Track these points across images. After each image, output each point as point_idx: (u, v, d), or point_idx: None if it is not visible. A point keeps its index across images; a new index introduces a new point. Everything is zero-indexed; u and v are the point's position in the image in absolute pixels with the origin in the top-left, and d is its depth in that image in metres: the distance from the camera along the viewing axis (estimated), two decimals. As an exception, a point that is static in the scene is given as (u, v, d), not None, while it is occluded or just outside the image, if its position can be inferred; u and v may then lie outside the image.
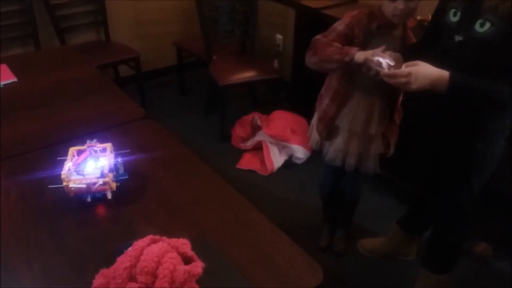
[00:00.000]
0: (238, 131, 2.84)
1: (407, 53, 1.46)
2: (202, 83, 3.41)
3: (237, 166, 2.68)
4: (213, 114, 3.21)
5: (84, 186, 1.14)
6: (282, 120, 2.73)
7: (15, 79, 1.88)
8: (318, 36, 1.55)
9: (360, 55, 1.41)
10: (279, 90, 3.16)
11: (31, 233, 1.12)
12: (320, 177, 2.00)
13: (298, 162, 2.69)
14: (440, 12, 1.42)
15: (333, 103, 1.65)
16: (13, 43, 2.86)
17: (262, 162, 2.64)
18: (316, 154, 2.46)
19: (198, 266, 0.91)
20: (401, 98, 1.69)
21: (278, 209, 2.38)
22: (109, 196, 1.18)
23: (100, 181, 1.14)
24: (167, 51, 3.47)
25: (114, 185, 1.19)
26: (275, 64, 3.47)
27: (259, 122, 2.78)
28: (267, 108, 2.98)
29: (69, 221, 1.15)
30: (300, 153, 2.65)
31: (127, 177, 1.22)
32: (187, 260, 0.97)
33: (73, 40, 3.13)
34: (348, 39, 1.50)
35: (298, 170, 2.68)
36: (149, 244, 0.94)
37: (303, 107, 2.96)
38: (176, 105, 3.41)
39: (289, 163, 2.69)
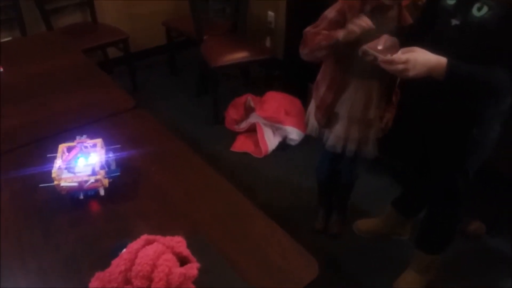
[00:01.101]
0: (231, 113, 2.82)
1: (403, 35, 1.43)
2: (193, 63, 3.35)
3: (231, 149, 2.67)
4: (205, 95, 3.17)
5: (76, 184, 1.12)
6: (275, 101, 2.71)
7: (1, 69, 1.83)
8: (308, 28, 1.53)
9: (344, 33, 1.41)
10: (272, 69, 3.11)
11: (24, 232, 1.11)
12: (317, 162, 1.99)
13: (293, 143, 2.68)
14: None
15: (330, 91, 1.63)
16: (-2, 28, 2.79)
17: (256, 144, 2.63)
18: (310, 136, 2.46)
19: (193, 268, 0.91)
20: (398, 80, 1.66)
21: (273, 191, 2.39)
22: (102, 192, 1.17)
23: (92, 179, 1.12)
24: (156, 31, 3.40)
25: (106, 181, 1.17)
26: (267, 42, 3.41)
27: (252, 104, 2.75)
28: (260, 88, 2.94)
29: (63, 219, 1.14)
30: (294, 134, 2.64)
31: (118, 173, 1.20)
32: (182, 260, 0.96)
33: (59, 22, 3.05)
34: (341, 26, 1.46)
35: (293, 152, 2.67)
36: (143, 246, 0.94)
37: (297, 86, 2.93)
38: (167, 86, 3.36)
39: (283, 145, 2.68)
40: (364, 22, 1.38)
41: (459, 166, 1.53)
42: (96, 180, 1.14)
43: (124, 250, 0.95)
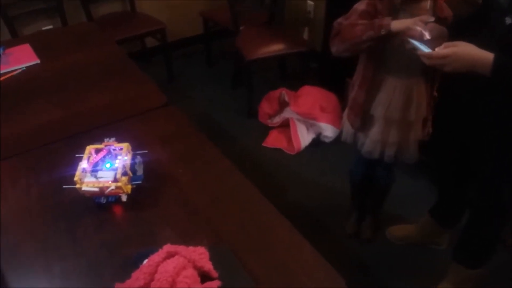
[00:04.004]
0: (265, 107, 2.76)
1: (447, 28, 1.34)
2: (230, 54, 3.31)
3: (264, 145, 2.62)
4: (241, 87, 3.12)
5: (97, 189, 1.11)
6: (311, 96, 2.63)
7: (38, 61, 1.85)
8: (339, 20, 1.44)
9: (398, 24, 1.31)
10: (309, 61, 3.02)
11: (50, 233, 1.11)
12: (351, 164, 1.91)
13: (327, 140, 2.60)
14: None
15: (362, 89, 1.54)
16: (40, 16, 2.83)
17: (289, 140, 2.57)
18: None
19: (213, 286, 0.88)
20: (438, 83, 1.56)
21: (304, 190, 2.33)
22: (124, 199, 1.15)
23: (113, 186, 1.10)
24: (193, 20, 3.36)
25: (129, 188, 1.15)
26: (305, 33, 3.31)
27: (286, 98, 2.68)
28: (296, 81, 2.87)
29: (88, 223, 1.14)
30: (329, 131, 2.56)
31: (140, 182, 1.17)
32: (204, 274, 0.94)
33: (98, 11, 3.07)
34: (371, 18, 1.38)
35: (326, 149, 2.59)
36: (164, 259, 0.92)
37: (335, 80, 2.83)
38: (203, 77, 3.34)
39: (317, 141, 2.60)
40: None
41: (506, 176, 1.41)
42: (117, 187, 1.12)
43: (145, 261, 0.93)
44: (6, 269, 1.02)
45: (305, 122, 2.60)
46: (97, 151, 1.19)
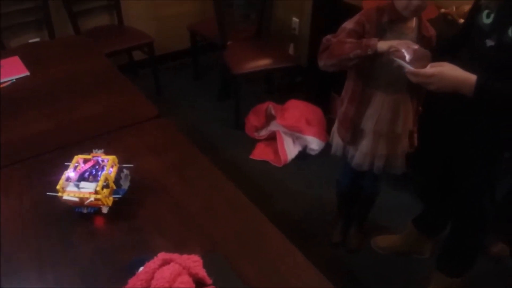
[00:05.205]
0: (252, 120, 2.81)
1: (433, 48, 1.41)
2: (216, 67, 3.36)
3: (251, 157, 2.66)
4: (228, 99, 3.17)
5: (77, 199, 1.11)
6: (297, 110, 2.68)
7: (27, 73, 1.86)
8: (328, 37, 1.49)
9: (383, 45, 1.36)
10: (295, 76, 3.09)
11: (43, 242, 1.12)
12: (338, 174, 1.96)
13: (313, 153, 2.65)
14: (474, 11, 1.35)
15: (352, 104, 1.59)
16: (27, 29, 2.84)
17: (276, 153, 2.61)
18: (331, 146, 2.43)
19: (209, 291, 0.90)
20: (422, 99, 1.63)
21: (291, 201, 2.37)
22: (105, 211, 1.16)
23: (92, 198, 1.11)
24: (181, 34, 3.41)
25: (110, 200, 1.16)
26: (291, 49, 3.39)
27: (273, 112, 2.73)
28: (282, 95, 2.92)
29: (81, 230, 1.15)
30: (315, 144, 2.61)
31: (120, 195, 1.18)
32: (198, 281, 0.96)
33: (86, 24, 3.09)
34: (359, 37, 1.44)
35: (312, 162, 2.64)
36: (160, 266, 0.94)
37: (320, 94, 2.90)
38: (190, 89, 3.38)
39: (303, 154, 2.65)
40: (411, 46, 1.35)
41: (488, 189, 1.48)
42: (96, 199, 1.13)
43: (141, 268, 0.95)
44: (-1, 278, 1.03)
45: (291, 135, 2.65)
46: (85, 161, 1.20)
